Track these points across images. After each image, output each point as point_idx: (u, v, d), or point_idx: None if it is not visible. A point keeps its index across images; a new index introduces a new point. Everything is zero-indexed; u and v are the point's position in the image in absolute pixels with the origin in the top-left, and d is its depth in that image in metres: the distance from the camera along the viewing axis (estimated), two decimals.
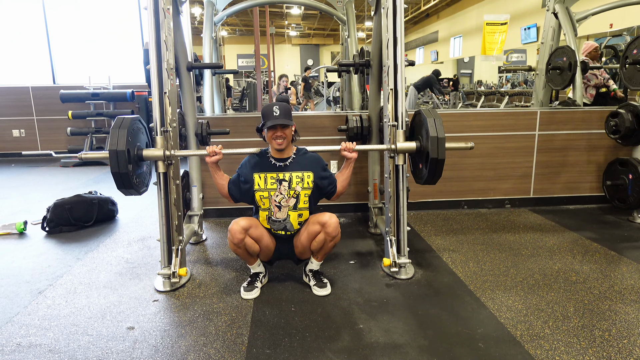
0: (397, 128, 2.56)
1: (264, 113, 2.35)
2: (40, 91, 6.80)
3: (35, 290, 2.49)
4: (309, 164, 2.46)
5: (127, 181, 2.31)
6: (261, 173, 2.41)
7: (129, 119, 2.34)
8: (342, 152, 2.47)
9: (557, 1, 4.37)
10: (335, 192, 2.52)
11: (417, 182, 2.68)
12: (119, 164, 2.23)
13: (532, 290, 2.44)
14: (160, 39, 2.41)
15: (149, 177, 2.61)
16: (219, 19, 4.67)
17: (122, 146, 2.23)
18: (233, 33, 23.19)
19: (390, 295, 2.40)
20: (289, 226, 2.43)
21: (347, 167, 2.52)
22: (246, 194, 2.46)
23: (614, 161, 3.70)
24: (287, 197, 2.40)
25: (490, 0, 15.66)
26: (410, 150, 2.55)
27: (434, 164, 2.39)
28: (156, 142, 2.43)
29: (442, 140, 2.35)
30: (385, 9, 2.57)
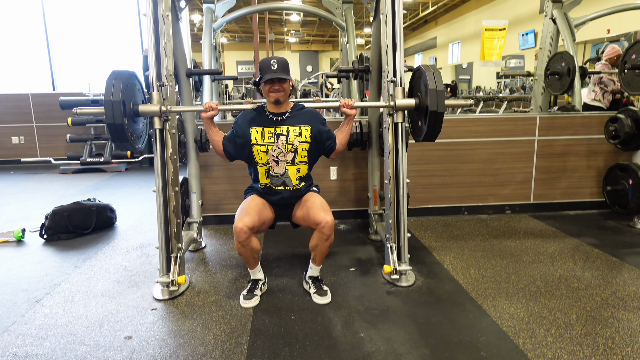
0: (396, 85, 2.54)
1: (261, 67, 2.33)
2: (40, 98, 6.80)
3: (33, 298, 2.47)
4: (306, 118, 2.44)
5: (122, 134, 2.26)
6: (258, 127, 2.38)
7: (125, 72, 2.31)
8: (342, 108, 2.45)
9: (555, 7, 4.38)
10: (334, 148, 2.51)
11: (416, 140, 2.63)
12: (114, 115, 2.19)
13: (534, 297, 2.42)
14: (160, 45, 2.40)
15: (144, 136, 2.58)
16: (218, 26, 4.68)
17: (118, 97, 2.19)
18: (232, 39, 23.28)
19: (391, 303, 2.38)
20: (288, 181, 2.41)
21: (346, 124, 2.51)
22: (241, 149, 2.43)
23: (614, 166, 3.69)
24: (284, 152, 2.37)
25: (487, 6, 15.74)
26: (409, 107, 2.51)
27: (433, 117, 2.35)
28: (152, 98, 2.38)
29: (441, 93, 2.32)
30: (384, 14, 2.57)
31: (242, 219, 2.28)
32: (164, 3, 2.42)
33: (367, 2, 2.86)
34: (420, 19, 20.08)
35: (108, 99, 2.18)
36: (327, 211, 2.35)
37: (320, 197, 2.49)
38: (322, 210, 2.35)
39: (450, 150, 3.81)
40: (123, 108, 2.21)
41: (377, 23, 2.78)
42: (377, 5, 2.76)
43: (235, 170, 3.64)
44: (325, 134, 2.47)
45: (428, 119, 2.36)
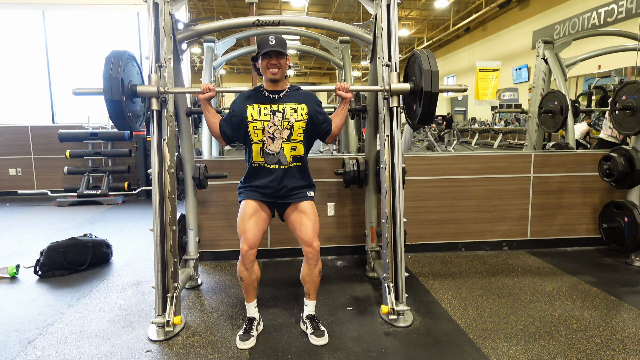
0: (391, 70, 2.56)
1: (259, 42, 2.35)
2: (39, 130, 6.85)
3: (25, 340, 2.42)
4: (303, 97, 2.46)
5: (119, 111, 2.28)
6: (254, 104, 2.39)
7: (125, 52, 2.34)
8: (337, 91, 2.47)
9: (547, 48, 4.52)
10: (330, 131, 2.51)
11: (411, 123, 2.64)
12: (112, 91, 2.22)
13: (533, 339, 2.39)
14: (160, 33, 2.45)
15: (142, 118, 2.59)
16: (218, 64, 4.79)
17: (116, 73, 2.23)
18: (232, 72, 23.68)
19: (389, 345, 2.35)
20: (283, 159, 2.40)
21: (342, 107, 2.51)
22: (238, 128, 2.42)
23: (609, 204, 3.72)
24: (280, 129, 2.37)
25: (481, 42, 16.17)
26: (404, 91, 2.54)
27: (428, 98, 2.37)
28: (150, 79, 2.41)
29: (435, 74, 2.36)
30: (380, 58, 2.65)
31: (246, 240, 2.31)
32: (167, 47, 2.49)
33: (364, 45, 2.95)
34: None
35: (107, 75, 2.23)
36: (315, 234, 2.38)
37: (315, 212, 2.47)
38: (312, 231, 2.37)
39: (447, 187, 3.84)
40: (121, 86, 2.25)
41: (374, 65, 2.86)
42: (373, 48, 2.85)
43: (232, 206, 3.65)
44: (321, 115, 2.49)
45: (423, 100, 2.39)
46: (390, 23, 2.62)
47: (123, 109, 2.30)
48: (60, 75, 7.23)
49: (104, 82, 2.24)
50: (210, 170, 3.39)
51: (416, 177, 3.77)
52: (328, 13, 14.94)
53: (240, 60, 21.21)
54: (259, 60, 2.37)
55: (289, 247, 3.77)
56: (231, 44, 4.76)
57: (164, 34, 2.49)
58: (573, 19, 10.76)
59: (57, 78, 7.21)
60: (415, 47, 19.83)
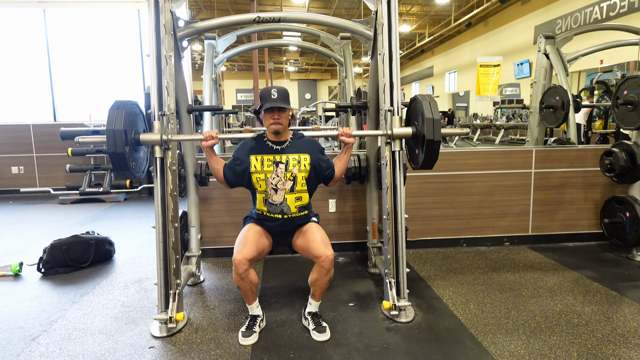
0: (393, 114, 2.58)
1: (262, 95, 2.38)
2: (41, 129, 6.87)
3: (29, 336, 2.44)
4: (305, 146, 2.48)
5: (123, 162, 2.29)
6: (258, 155, 2.42)
7: (127, 102, 2.35)
8: (340, 137, 2.50)
9: (548, 43, 4.50)
10: (333, 177, 2.54)
11: (414, 168, 2.67)
12: (115, 144, 2.22)
13: (534, 334, 2.40)
14: (162, 85, 2.46)
15: (145, 164, 2.60)
16: (219, 61, 4.79)
17: (120, 126, 2.23)
18: (232, 69, 23.67)
19: (391, 340, 2.36)
20: (286, 209, 2.42)
21: (345, 152, 2.55)
22: (241, 177, 2.45)
23: (611, 199, 3.72)
24: (283, 180, 2.39)
25: (483, 37, 16.11)
26: (406, 135, 2.56)
27: (430, 145, 2.38)
28: (153, 127, 2.42)
29: (437, 122, 2.37)
30: (381, 55, 2.65)
31: (241, 251, 2.30)
32: (167, 44, 2.50)
33: (364, 42, 2.95)
34: (417, 48, 20.51)
35: (110, 128, 2.23)
36: (327, 245, 2.38)
37: (320, 229, 2.50)
38: (322, 244, 2.38)
39: (448, 182, 3.85)
40: (125, 137, 2.25)
41: (375, 61, 2.86)
42: (374, 44, 2.84)
43: (234, 203, 3.67)
44: (324, 162, 2.51)
45: (425, 147, 2.40)
46: (390, 19, 2.62)
47: (127, 160, 2.30)
48: (62, 73, 7.23)
49: (108, 135, 2.22)
50: None
51: (417, 173, 3.78)
52: (329, 9, 14.90)
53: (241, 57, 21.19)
54: (261, 113, 2.39)
55: None
56: (232, 41, 4.76)
57: (164, 32, 2.49)
58: (575, 14, 10.71)
59: (58, 76, 7.22)
60: (416, 43, 19.79)
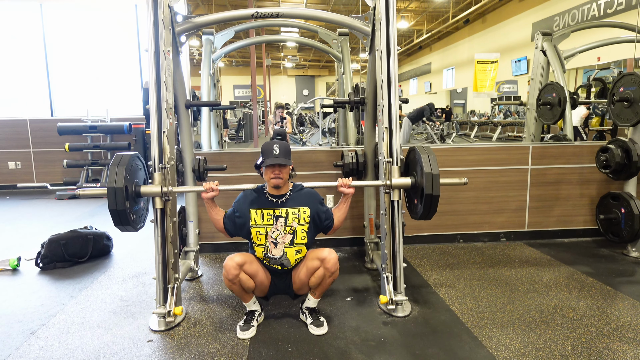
0: (392, 164, 2.60)
1: (263, 150, 2.39)
2: (38, 124, 6.85)
3: (28, 330, 2.45)
4: (305, 199, 2.49)
5: (124, 218, 2.32)
6: (258, 209, 2.43)
7: (127, 156, 2.37)
8: (339, 188, 2.51)
9: (545, 39, 4.52)
10: (332, 227, 2.55)
11: (413, 218, 2.72)
12: (116, 202, 2.25)
13: (529, 328, 2.43)
14: (160, 79, 2.47)
15: (145, 213, 2.63)
16: (217, 57, 4.79)
17: (120, 183, 2.26)
18: (230, 64, 23.60)
19: (388, 334, 2.38)
20: (286, 262, 2.44)
21: (344, 202, 2.56)
22: (241, 228, 2.47)
23: (606, 195, 3.75)
24: (283, 234, 2.41)
25: (480, 34, 16.11)
26: (405, 186, 2.59)
27: (429, 199, 2.43)
28: (154, 179, 2.45)
29: (436, 177, 2.40)
30: (379, 51, 2.66)
31: (233, 258, 2.33)
32: (166, 39, 2.50)
33: (362, 38, 2.96)
34: (415, 45, 20.50)
35: (111, 186, 2.24)
36: (329, 249, 2.40)
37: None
38: (324, 249, 2.41)
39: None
40: (125, 193, 2.27)
41: (373, 57, 2.87)
42: (372, 40, 2.85)
43: (232, 198, 3.65)
44: (324, 214, 2.52)
45: (424, 201, 2.45)
46: (388, 15, 2.63)
47: (127, 215, 2.32)
48: (59, 68, 7.21)
49: (109, 193, 2.24)
50: (210, 163, 3.40)
51: None
52: (327, 5, 14.87)
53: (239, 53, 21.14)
54: (262, 167, 2.40)
55: None
56: (230, 37, 4.76)
57: (162, 27, 2.49)
58: (573, 11, 10.72)
59: (55, 71, 7.20)
60: (414, 39, 19.77)
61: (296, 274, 2.48)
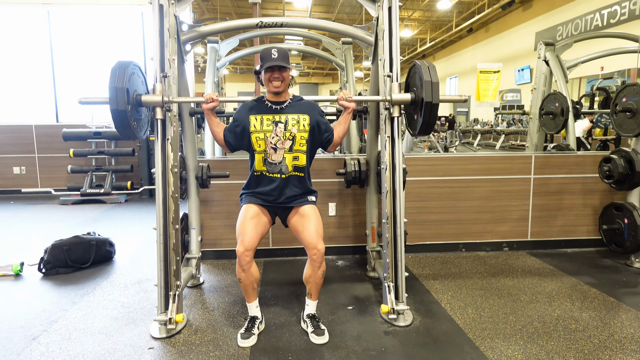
0: (392, 80, 2.60)
1: (262, 55, 2.39)
2: (43, 129, 6.90)
3: (29, 336, 2.46)
4: (305, 108, 2.49)
5: (125, 120, 2.32)
6: (257, 115, 2.43)
7: (130, 62, 2.38)
8: (340, 101, 2.51)
9: (548, 49, 4.53)
10: (332, 140, 2.54)
11: (412, 134, 2.69)
12: (118, 101, 2.26)
13: (531, 339, 2.42)
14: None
15: (146, 127, 2.63)
16: (221, 65, 4.82)
17: (122, 84, 2.27)
18: (234, 71, 23.74)
19: (389, 344, 2.38)
20: (284, 169, 2.44)
21: (344, 117, 2.54)
22: (241, 138, 2.47)
23: (609, 205, 3.73)
24: (282, 139, 2.41)
25: (484, 43, 16.17)
26: (405, 101, 2.58)
27: (429, 108, 2.41)
28: (155, 89, 2.45)
29: (435, 85, 2.40)
30: (382, 60, 2.67)
31: (242, 241, 2.32)
32: (171, 48, 2.52)
33: (365, 47, 2.98)
34: (418, 53, 20.57)
35: (112, 86, 2.26)
36: (319, 236, 2.38)
37: (318, 215, 2.49)
38: (315, 234, 2.38)
39: (448, 187, 3.87)
40: (127, 95, 2.28)
41: (376, 67, 2.89)
42: (375, 50, 2.87)
43: (235, 205, 3.68)
44: (324, 125, 2.52)
45: (423, 111, 2.43)
46: (391, 25, 2.65)
47: (128, 118, 2.33)
48: (65, 75, 7.27)
49: (110, 92, 2.27)
50: (213, 170, 3.42)
51: (417, 178, 3.80)
52: (331, 14, 14.97)
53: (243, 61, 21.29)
54: (262, 73, 2.41)
55: (291, 246, 3.80)
56: (234, 45, 4.80)
57: (168, 35, 2.52)
58: (576, 20, 10.76)
59: (61, 77, 7.26)
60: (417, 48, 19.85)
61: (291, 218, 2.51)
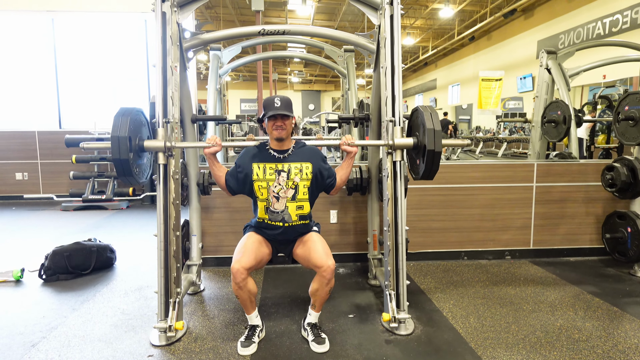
0: (395, 124, 2.60)
1: (265, 104, 2.41)
2: (46, 135, 6.92)
3: (29, 343, 2.45)
4: (307, 155, 2.49)
5: (127, 168, 2.32)
6: (260, 163, 2.44)
7: (133, 109, 2.39)
8: (342, 146, 2.51)
9: (550, 58, 4.54)
10: (334, 185, 2.55)
11: (415, 178, 2.68)
12: (120, 150, 2.26)
13: (534, 349, 2.39)
14: (167, 94, 2.50)
15: (148, 171, 2.63)
16: (223, 72, 4.84)
17: (124, 132, 2.27)
18: (237, 78, 23.84)
19: (390, 353, 2.35)
20: (287, 217, 2.43)
21: (347, 161, 2.55)
22: (243, 184, 2.47)
23: (612, 214, 3.71)
24: (285, 188, 2.41)
25: (486, 51, 16.21)
26: (407, 146, 2.58)
27: (431, 156, 2.40)
28: (157, 134, 2.45)
29: (438, 132, 2.39)
30: (384, 68, 2.68)
31: (239, 260, 2.32)
32: (173, 55, 2.54)
33: (367, 55, 2.98)
34: (421, 61, 20.65)
35: (115, 135, 2.26)
36: (328, 255, 2.38)
37: (321, 238, 2.51)
38: (323, 254, 2.38)
39: (450, 195, 3.85)
40: (129, 143, 2.29)
41: (377, 74, 2.89)
42: (377, 58, 2.88)
43: (236, 212, 3.68)
44: (326, 171, 2.53)
45: (426, 158, 2.42)
46: (393, 33, 2.65)
47: (130, 167, 2.33)
48: (68, 81, 7.31)
49: (112, 142, 2.26)
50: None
51: (419, 185, 3.79)
52: (333, 21, 15.05)
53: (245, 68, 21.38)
54: (265, 121, 2.42)
55: None
56: (237, 52, 4.82)
57: (171, 43, 2.53)
58: (578, 29, 10.79)
59: (65, 84, 7.30)
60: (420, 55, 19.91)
61: (296, 253, 2.51)
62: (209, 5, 12.97)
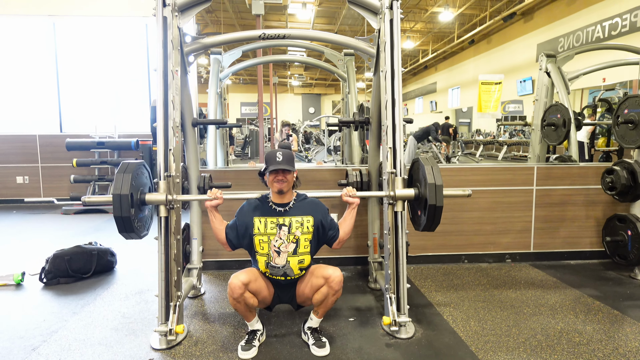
0: (396, 175, 2.60)
1: (267, 158, 2.41)
2: (47, 139, 6.94)
3: (29, 346, 2.45)
4: (309, 208, 2.49)
5: (128, 225, 2.33)
6: (261, 217, 2.43)
7: (134, 164, 2.40)
8: (344, 197, 2.51)
9: (549, 61, 4.55)
10: (337, 238, 2.52)
11: (416, 229, 2.70)
12: (121, 208, 2.27)
13: (534, 352, 2.39)
14: (168, 98, 2.51)
15: (150, 221, 2.63)
16: (224, 75, 4.85)
17: (126, 190, 2.28)
18: (237, 82, 23.90)
19: (390, 356, 2.35)
20: (289, 272, 2.43)
21: (349, 213, 2.54)
22: (243, 238, 2.46)
23: (612, 217, 3.72)
24: (286, 242, 2.40)
25: (486, 54, 16.24)
26: (409, 197, 2.59)
27: (432, 210, 2.42)
28: (159, 187, 2.46)
29: (439, 188, 2.40)
30: (383, 72, 2.69)
31: (238, 276, 2.32)
32: (174, 59, 2.55)
33: (367, 59, 2.99)
34: (421, 65, 20.69)
35: (117, 193, 2.27)
36: (335, 268, 2.39)
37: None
38: (330, 267, 2.40)
39: (450, 198, 3.84)
40: (130, 200, 2.29)
41: (377, 78, 2.90)
42: (377, 61, 2.89)
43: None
44: (328, 224, 2.51)
45: (427, 212, 2.45)
46: (393, 37, 2.67)
47: (132, 222, 2.34)
48: (69, 85, 7.33)
49: (114, 200, 2.28)
50: (215, 180, 3.42)
51: None
52: (333, 25, 15.10)
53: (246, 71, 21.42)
54: (266, 174, 2.43)
55: None
56: (237, 56, 4.83)
57: (171, 47, 2.55)
58: (577, 32, 10.82)
59: (65, 87, 7.32)
60: (420, 59, 19.96)
61: (300, 289, 2.48)
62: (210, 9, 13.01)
